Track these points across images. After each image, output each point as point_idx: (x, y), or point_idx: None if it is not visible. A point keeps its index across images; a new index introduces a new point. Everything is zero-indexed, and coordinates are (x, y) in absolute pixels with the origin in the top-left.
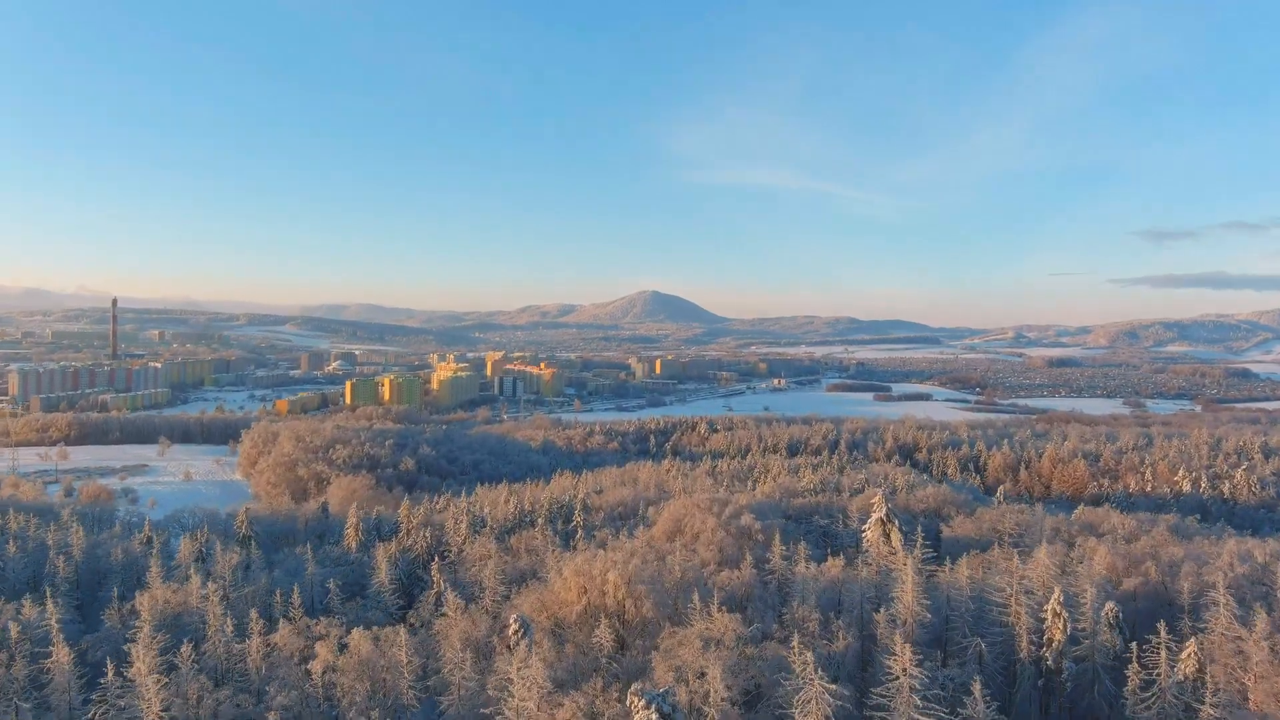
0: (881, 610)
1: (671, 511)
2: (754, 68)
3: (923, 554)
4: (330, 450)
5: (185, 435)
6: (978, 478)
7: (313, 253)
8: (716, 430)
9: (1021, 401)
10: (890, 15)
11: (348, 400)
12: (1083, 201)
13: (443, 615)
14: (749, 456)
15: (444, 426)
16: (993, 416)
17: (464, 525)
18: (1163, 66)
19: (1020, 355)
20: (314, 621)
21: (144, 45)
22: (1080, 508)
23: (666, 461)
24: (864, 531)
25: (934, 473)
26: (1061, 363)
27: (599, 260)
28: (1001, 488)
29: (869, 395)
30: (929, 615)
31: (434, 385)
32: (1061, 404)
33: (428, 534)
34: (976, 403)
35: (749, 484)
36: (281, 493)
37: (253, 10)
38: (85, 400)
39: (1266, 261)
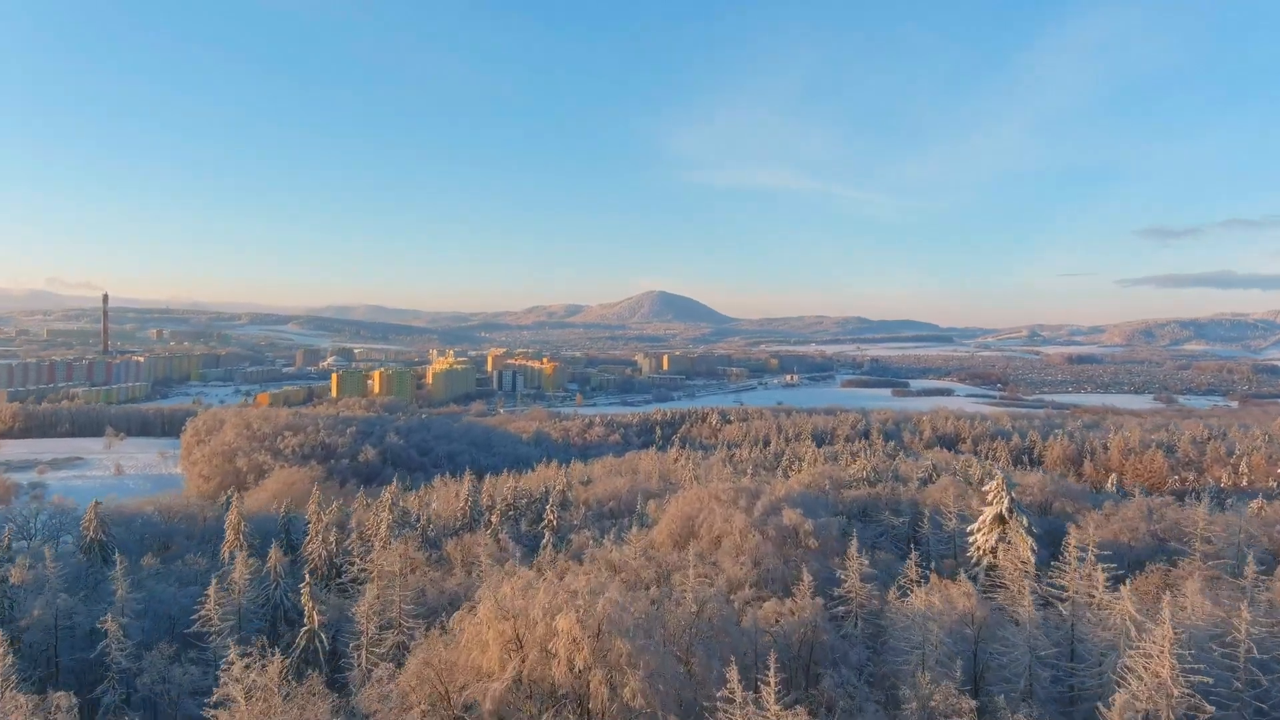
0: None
1: (680, 506)
2: (754, 68)
3: (1096, 572)
4: (279, 438)
5: (143, 427)
6: (1037, 470)
7: (318, 255)
8: (730, 421)
9: (1047, 397)
10: (890, 15)
11: (334, 393)
12: (1085, 201)
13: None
14: (771, 446)
15: (424, 415)
16: (1021, 411)
17: (385, 526)
18: (1163, 65)
19: (1037, 353)
20: None
21: (153, 48)
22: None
23: (674, 450)
24: (970, 535)
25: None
26: (1081, 359)
27: (605, 262)
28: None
29: (886, 391)
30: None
31: (427, 379)
32: (1089, 399)
33: (330, 540)
34: (1001, 398)
35: (778, 473)
36: (214, 487)
37: (255, 11)
38: (55, 394)
39: (1271, 260)
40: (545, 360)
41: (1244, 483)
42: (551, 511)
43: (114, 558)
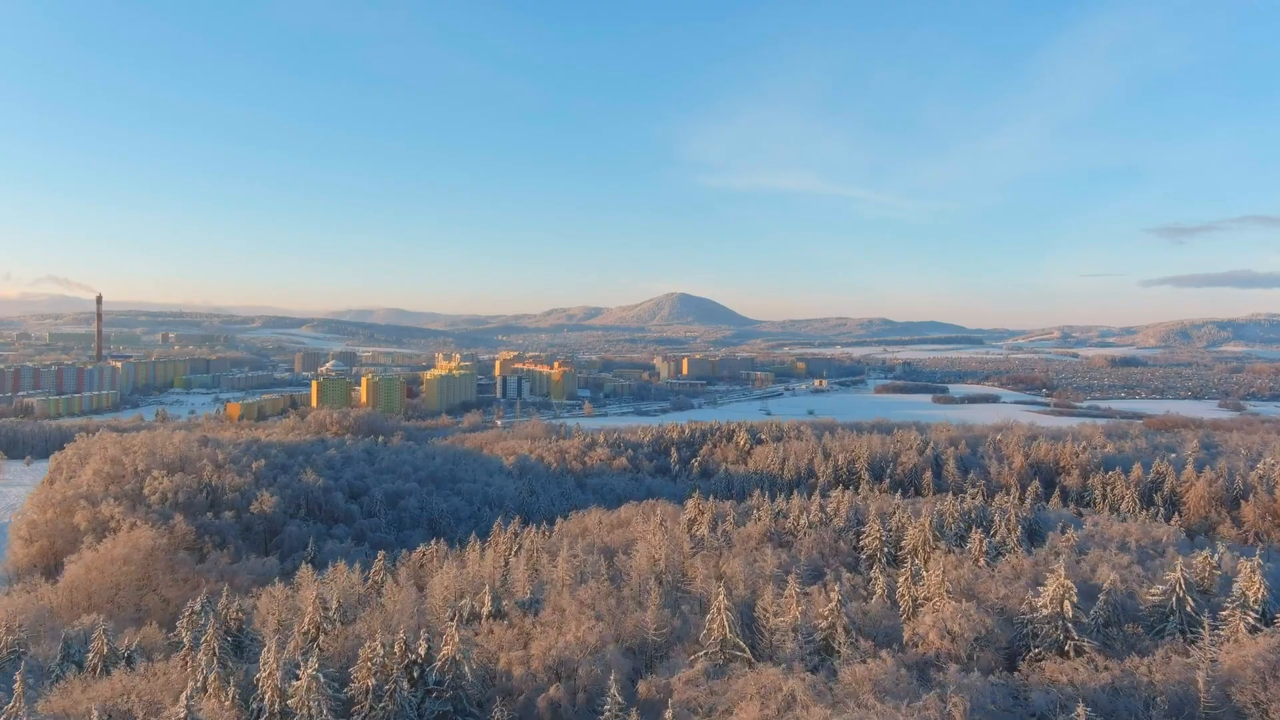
0: None
1: None
2: (772, 72)
3: None
4: (145, 480)
5: (52, 448)
6: (1174, 515)
7: (340, 260)
8: (761, 440)
9: (1102, 403)
10: (906, 17)
11: (313, 403)
12: (1103, 201)
13: None
14: (815, 481)
15: (378, 439)
16: (1079, 421)
17: None
18: (1180, 64)
19: (1074, 355)
20: None
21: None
22: None
23: (691, 503)
24: None
25: (1099, 506)
26: (1124, 362)
27: (625, 265)
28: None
29: (926, 397)
30: None
31: (423, 386)
32: (1149, 406)
33: None
34: (1057, 406)
35: (873, 574)
36: (35, 554)
37: (276, 18)
38: (6, 405)
39: None
40: (557, 365)
41: None
42: None
43: None
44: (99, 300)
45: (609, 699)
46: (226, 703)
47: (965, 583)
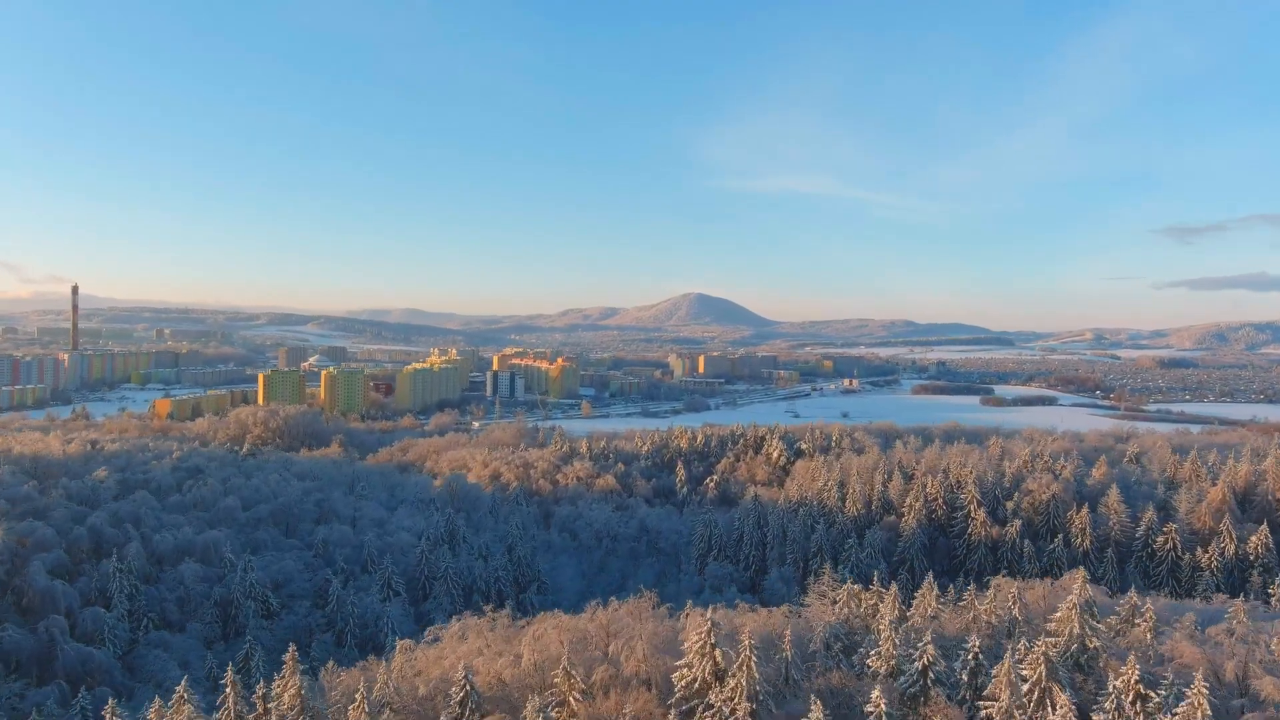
0: None
1: None
2: (788, 75)
3: None
4: None
5: None
6: None
7: (358, 262)
8: (801, 451)
9: (1174, 406)
10: (920, 21)
11: (259, 399)
12: (1119, 205)
13: None
14: (898, 519)
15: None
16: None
17: None
18: (1194, 69)
19: (1114, 357)
20: None
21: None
22: None
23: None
24: None
25: None
26: (1173, 363)
27: (642, 268)
28: None
29: (972, 399)
30: None
31: (398, 382)
32: (1229, 410)
33: None
34: (1125, 409)
35: None
36: None
37: (291, 24)
38: None
39: None
40: (560, 360)
41: None
42: None
43: None
44: (74, 290)
45: None
46: None
47: None
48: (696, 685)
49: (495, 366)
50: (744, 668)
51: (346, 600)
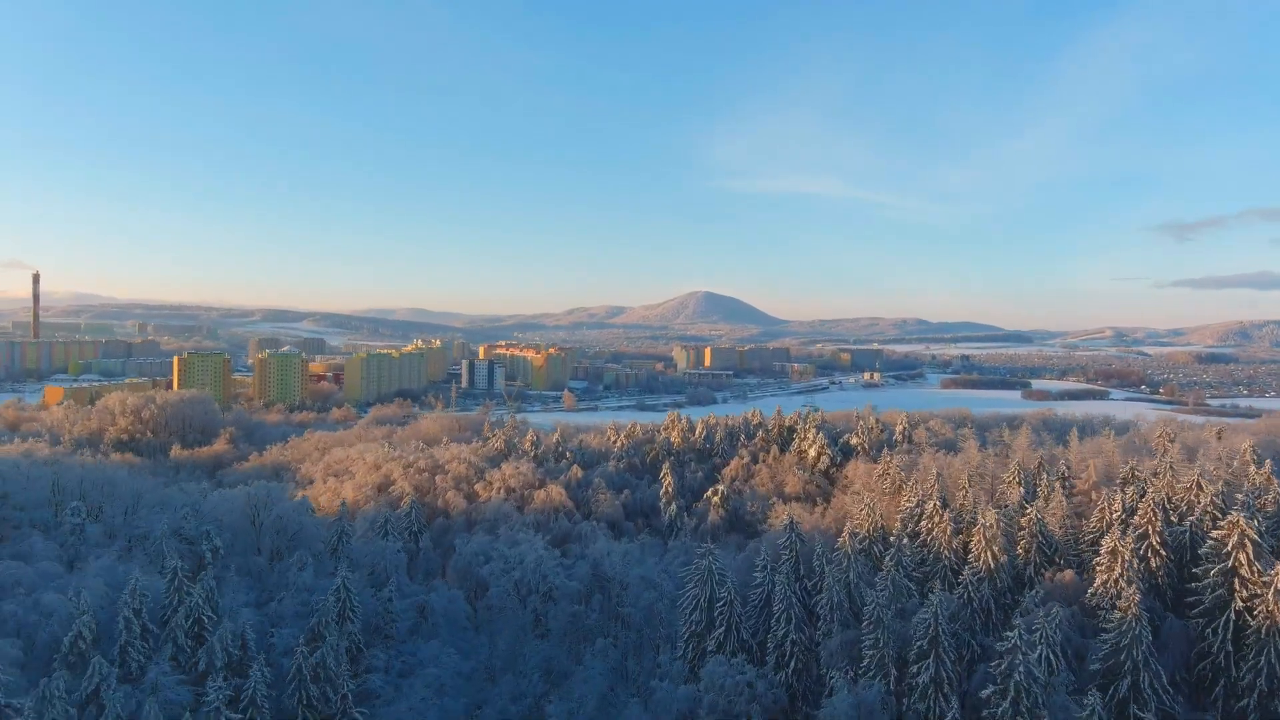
0: None
1: None
2: (793, 76)
3: None
4: None
5: None
6: None
7: (364, 261)
8: (853, 449)
9: (1242, 402)
10: (925, 22)
11: (175, 386)
12: (1122, 205)
13: None
14: (1051, 573)
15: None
16: (1243, 422)
17: None
18: (1197, 71)
19: (1141, 354)
20: None
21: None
22: None
23: None
24: None
25: None
26: (1212, 359)
27: (649, 268)
28: None
29: (1011, 393)
30: None
31: (346, 370)
32: None
33: None
34: (1193, 404)
35: None
36: None
37: (298, 26)
38: None
39: None
40: (551, 350)
41: None
42: None
43: None
44: (35, 279)
45: None
46: None
47: None
48: None
49: (480, 357)
50: None
51: None
